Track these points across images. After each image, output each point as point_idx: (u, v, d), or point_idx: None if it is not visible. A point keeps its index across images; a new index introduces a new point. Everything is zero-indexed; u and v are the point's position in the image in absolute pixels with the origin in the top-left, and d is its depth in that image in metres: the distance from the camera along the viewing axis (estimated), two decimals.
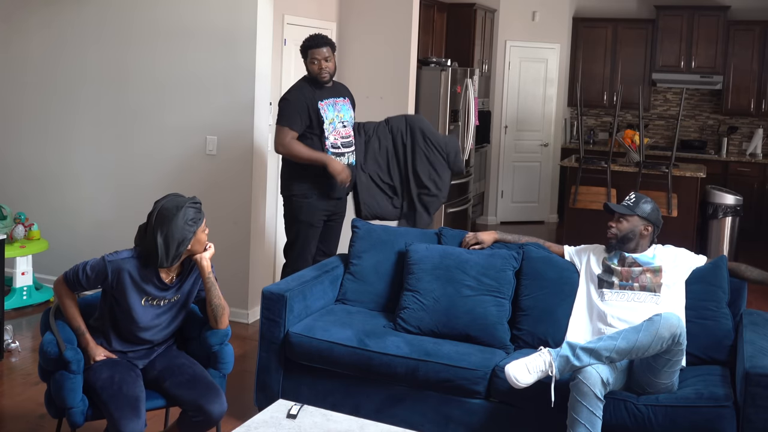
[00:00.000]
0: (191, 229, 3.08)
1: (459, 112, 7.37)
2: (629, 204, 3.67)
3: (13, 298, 5.45)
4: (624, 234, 3.64)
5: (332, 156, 4.56)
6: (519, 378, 3.18)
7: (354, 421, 2.92)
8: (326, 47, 4.58)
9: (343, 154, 4.64)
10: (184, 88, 5.39)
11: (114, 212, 5.68)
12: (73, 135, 5.79)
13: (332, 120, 4.61)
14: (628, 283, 3.58)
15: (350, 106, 4.79)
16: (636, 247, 3.65)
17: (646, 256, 3.64)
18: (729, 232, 7.43)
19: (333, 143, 4.60)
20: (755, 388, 3.05)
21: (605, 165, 7.13)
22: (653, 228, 3.66)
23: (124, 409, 2.91)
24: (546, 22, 9.40)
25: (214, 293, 3.20)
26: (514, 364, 3.21)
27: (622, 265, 3.63)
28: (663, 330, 3.09)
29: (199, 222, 3.12)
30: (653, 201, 3.72)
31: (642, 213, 3.63)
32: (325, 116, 4.58)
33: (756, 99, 9.16)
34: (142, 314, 3.14)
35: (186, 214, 3.07)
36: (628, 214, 3.64)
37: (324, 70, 4.58)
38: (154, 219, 3.08)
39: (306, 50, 4.61)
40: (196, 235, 3.12)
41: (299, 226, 4.67)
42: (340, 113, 4.67)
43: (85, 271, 3.11)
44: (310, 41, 4.61)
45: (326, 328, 3.74)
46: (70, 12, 5.70)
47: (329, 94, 4.66)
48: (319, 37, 4.61)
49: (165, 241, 3.05)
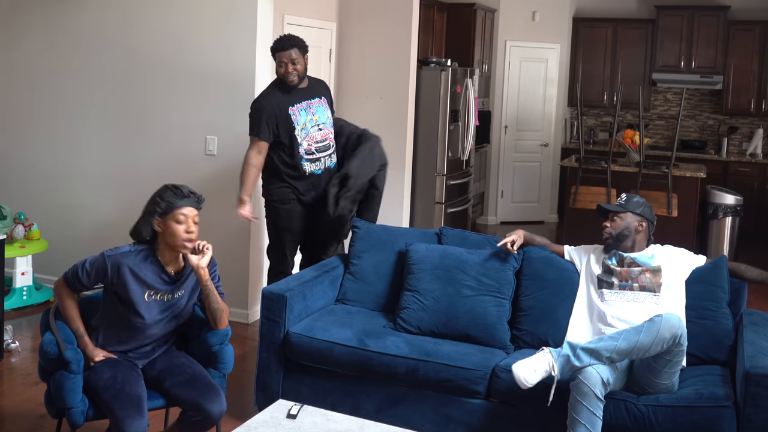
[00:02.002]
0: (159, 206, 3.07)
1: (459, 112, 7.37)
2: (621, 203, 3.70)
3: (13, 298, 5.44)
4: (619, 231, 3.64)
5: (244, 190, 4.37)
6: (528, 379, 3.17)
7: (354, 421, 2.92)
8: (293, 49, 4.43)
9: (319, 159, 4.58)
10: (184, 88, 5.39)
11: (114, 212, 5.68)
12: (73, 135, 5.80)
13: (305, 125, 4.51)
14: (627, 284, 3.58)
15: (327, 105, 4.66)
16: (633, 246, 3.65)
17: (645, 256, 3.64)
18: (729, 232, 7.43)
19: (307, 150, 4.53)
20: (755, 388, 3.05)
21: (605, 165, 7.13)
22: (647, 224, 3.67)
23: (127, 409, 2.91)
24: (546, 22, 9.40)
25: (212, 298, 3.19)
26: (521, 364, 3.21)
27: (621, 265, 3.63)
28: (664, 331, 3.09)
29: (170, 205, 3.06)
30: (645, 199, 3.75)
31: (634, 209, 3.65)
32: (296, 122, 4.49)
33: (756, 99, 9.16)
34: (146, 309, 3.13)
35: (161, 192, 3.11)
36: (620, 212, 3.65)
37: (291, 73, 4.44)
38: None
39: (273, 53, 4.49)
40: (166, 221, 3.06)
41: (277, 231, 4.66)
42: (315, 116, 4.57)
43: (84, 268, 3.10)
44: (275, 44, 4.49)
45: (326, 328, 3.74)
46: (71, 14, 5.70)
47: (301, 97, 4.54)
48: (285, 39, 4.48)
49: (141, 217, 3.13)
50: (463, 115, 7.46)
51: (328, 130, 4.66)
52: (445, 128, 7.10)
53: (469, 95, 7.51)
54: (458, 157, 7.48)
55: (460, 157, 7.53)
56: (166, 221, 3.07)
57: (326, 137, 4.64)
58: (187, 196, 3.10)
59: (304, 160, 4.53)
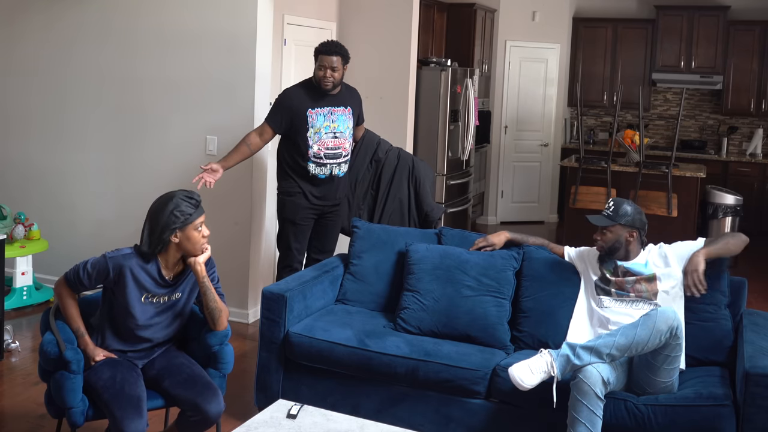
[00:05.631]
0: (178, 220, 3.06)
1: (459, 112, 7.37)
2: (608, 214, 3.58)
3: (13, 298, 5.44)
4: (611, 245, 3.60)
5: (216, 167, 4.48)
6: (524, 380, 3.18)
7: (354, 421, 2.92)
8: (337, 57, 4.51)
9: (326, 165, 4.62)
10: (184, 88, 5.39)
11: (114, 212, 5.68)
12: (73, 135, 5.79)
13: (319, 129, 4.57)
14: (624, 293, 3.56)
15: (350, 116, 4.71)
16: (627, 255, 3.60)
17: (639, 264, 3.59)
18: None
19: (316, 153, 4.58)
20: (755, 388, 3.05)
21: (605, 165, 7.13)
22: (638, 232, 3.60)
23: (126, 409, 2.91)
24: (546, 22, 9.40)
25: (210, 297, 3.19)
26: (518, 366, 3.21)
27: (616, 275, 3.60)
28: (660, 323, 3.10)
29: (190, 217, 3.08)
30: (633, 203, 3.63)
31: (623, 221, 3.55)
32: (311, 124, 4.55)
33: (756, 99, 9.16)
34: (140, 311, 3.13)
35: (176, 204, 3.07)
36: (609, 226, 3.59)
37: (327, 78, 4.52)
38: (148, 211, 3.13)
39: (317, 54, 4.57)
40: (185, 231, 3.08)
41: (283, 222, 4.76)
42: (334, 123, 4.62)
43: (86, 269, 3.10)
44: (322, 46, 4.56)
45: (326, 328, 3.74)
46: (71, 13, 5.70)
47: (327, 103, 4.61)
48: (332, 44, 4.56)
49: (150, 226, 3.08)
50: (463, 115, 7.46)
51: (345, 140, 4.70)
52: (445, 128, 7.10)
53: (469, 95, 7.51)
54: (458, 157, 7.48)
55: (460, 157, 7.53)
56: (185, 232, 3.09)
57: (340, 146, 4.67)
58: (199, 203, 3.15)
59: (310, 162, 4.60)
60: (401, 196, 5.01)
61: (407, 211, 5.03)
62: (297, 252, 4.75)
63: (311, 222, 4.75)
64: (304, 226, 4.72)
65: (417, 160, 5.12)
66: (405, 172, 5.03)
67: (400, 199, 5.02)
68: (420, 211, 5.04)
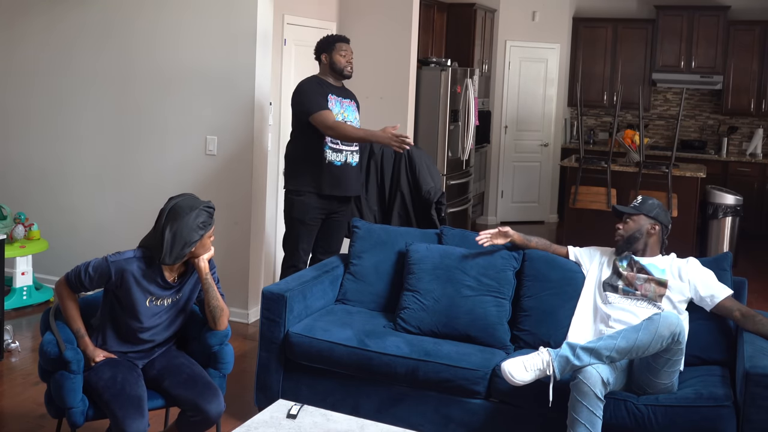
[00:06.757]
0: (200, 232, 3.09)
1: (459, 112, 7.37)
2: (635, 205, 3.68)
3: (13, 298, 5.44)
4: (630, 234, 3.62)
5: (373, 131, 4.54)
6: (515, 374, 3.18)
7: (354, 421, 2.92)
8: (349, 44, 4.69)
9: (341, 152, 4.64)
10: (184, 89, 5.39)
11: (114, 212, 5.68)
12: (73, 135, 5.79)
13: (337, 115, 4.61)
14: (630, 290, 3.56)
15: (355, 108, 4.81)
16: (645, 249, 3.62)
17: (656, 266, 3.58)
18: (729, 232, 7.43)
19: (333, 139, 4.61)
20: (755, 388, 3.05)
21: (605, 165, 7.13)
22: (660, 227, 3.63)
23: (127, 409, 2.91)
24: (546, 22, 9.40)
25: (212, 294, 3.20)
26: (511, 361, 3.22)
27: (630, 269, 3.61)
28: (662, 329, 3.09)
29: (208, 227, 3.13)
30: (661, 203, 3.71)
31: (648, 211, 3.61)
32: (332, 108, 4.59)
33: (756, 99, 9.16)
34: (146, 315, 3.14)
35: (198, 216, 3.09)
36: (634, 214, 3.63)
37: (350, 64, 4.66)
38: (166, 214, 3.10)
39: (334, 43, 4.64)
40: (202, 240, 3.12)
41: (291, 222, 4.73)
42: (345, 113, 4.68)
43: (87, 271, 3.10)
44: (339, 35, 4.72)
45: (326, 328, 3.74)
46: (71, 14, 5.70)
47: (338, 93, 4.68)
48: (342, 35, 4.75)
49: (172, 238, 3.06)
50: (463, 115, 7.46)
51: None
52: (445, 128, 7.10)
53: (469, 95, 7.51)
54: (458, 157, 7.48)
55: (460, 157, 7.53)
56: (201, 240, 3.13)
57: None
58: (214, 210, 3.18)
59: (327, 147, 4.60)
60: (402, 189, 5.00)
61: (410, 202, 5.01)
62: (303, 252, 4.74)
63: (319, 222, 4.74)
64: (312, 226, 4.72)
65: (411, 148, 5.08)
66: (402, 162, 5.01)
67: (402, 193, 5.01)
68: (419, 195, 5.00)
